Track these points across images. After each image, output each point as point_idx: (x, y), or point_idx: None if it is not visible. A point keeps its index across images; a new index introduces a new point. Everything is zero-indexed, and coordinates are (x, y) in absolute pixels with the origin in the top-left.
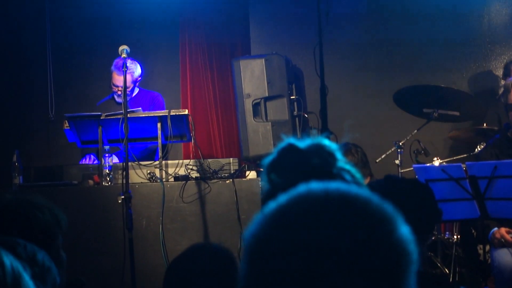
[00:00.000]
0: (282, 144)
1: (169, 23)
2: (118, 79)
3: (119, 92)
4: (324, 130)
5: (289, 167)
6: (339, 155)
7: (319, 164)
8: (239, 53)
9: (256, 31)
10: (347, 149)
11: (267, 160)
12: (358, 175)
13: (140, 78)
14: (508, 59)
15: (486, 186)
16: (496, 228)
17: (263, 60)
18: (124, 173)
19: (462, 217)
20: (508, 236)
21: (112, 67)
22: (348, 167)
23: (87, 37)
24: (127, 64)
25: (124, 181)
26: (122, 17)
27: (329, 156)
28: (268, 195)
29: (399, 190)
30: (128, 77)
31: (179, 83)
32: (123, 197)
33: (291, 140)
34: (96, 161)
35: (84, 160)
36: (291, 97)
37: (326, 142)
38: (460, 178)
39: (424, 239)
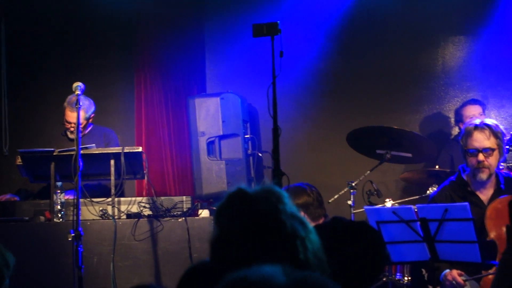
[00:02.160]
0: (232, 189)
1: (125, 59)
2: (71, 116)
3: (72, 129)
4: (277, 170)
5: (237, 212)
6: (288, 202)
7: (267, 210)
8: (195, 91)
9: (212, 69)
10: (302, 189)
11: (217, 205)
12: (307, 222)
13: (93, 114)
14: (462, 101)
15: (437, 228)
16: (448, 270)
17: (218, 98)
18: (76, 210)
19: (412, 259)
20: (459, 279)
21: (65, 104)
22: (297, 214)
23: (42, 72)
24: (80, 101)
25: (75, 218)
26: (77, 53)
27: (278, 202)
28: (217, 240)
29: (346, 233)
30: (81, 114)
31: (133, 120)
32: (73, 234)
33: (241, 185)
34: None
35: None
36: (246, 136)
37: (276, 188)
38: (410, 220)
39: (370, 283)
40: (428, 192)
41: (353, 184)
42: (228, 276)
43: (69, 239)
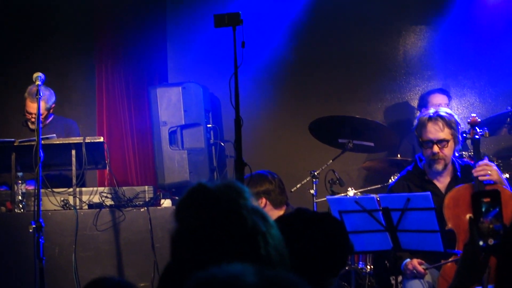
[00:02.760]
0: (192, 184)
1: (85, 49)
2: (31, 106)
3: (33, 119)
4: (239, 161)
5: (198, 208)
6: (249, 197)
7: (228, 206)
8: (156, 81)
9: (174, 58)
10: (264, 176)
11: (178, 200)
12: (268, 217)
13: (53, 105)
14: (423, 90)
15: (399, 218)
16: (408, 259)
17: (180, 88)
18: (37, 200)
19: (375, 248)
20: (420, 267)
21: (26, 94)
22: (258, 209)
23: (3, 64)
24: (41, 91)
25: (36, 209)
26: (39, 43)
27: (239, 197)
28: (177, 235)
29: (309, 224)
30: (42, 104)
31: (95, 110)
32: (34, 226)
33: (202, 180)
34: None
35: None
36: (208, 126)
37: (237, 183)
38: (373, 210)
39: (336, 273)
40: (390, 180)
41: (316, 173)
42: (196, 275)
43: (30, 230)
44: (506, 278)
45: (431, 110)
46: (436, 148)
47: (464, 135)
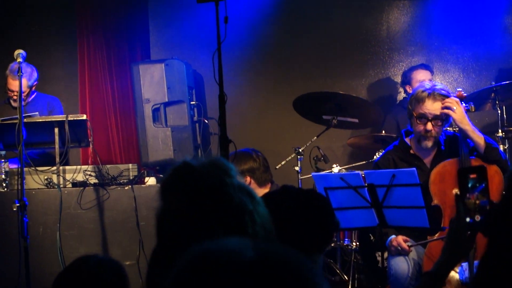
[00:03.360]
0: (177, 163)
1: (67, 26)
2: (13, 84)
3: (15, 97)
4: (223, 138)
5: (183, 187)
6: (235, 175)
7: (213, 184)
8: (139, 58)
9: (156, 35)
10: (248, 155)
11: (162, 179)
12: (255, 194)
13: (36, 82)
14: (406, 66)
15: (384, 194)
16: (393, 236)
17: (163, 65)
18: (20, 179)
19: (360, 225)
20: (404, 244)
21: (7, 72)
22: (245, 186)
23: None
24: (22, 69)
25: (20, 188)
26: (19, 20)
27: (225, 175)
28: (162, 214)
29: (295, 201)
30: (24, 82)
31: (77, 88)
32: (18, 204)
33: (187, 158)
34: None
35: None
36: (191, 103)
37: (223, 161)
38: (358, 186)
39: (322, 249)
40: (375, 157)
41: (300, 150)
42: (191, 249)
43: (14, 209)
44: (492, 254)
45: (428, 84)
46: (429, 126)
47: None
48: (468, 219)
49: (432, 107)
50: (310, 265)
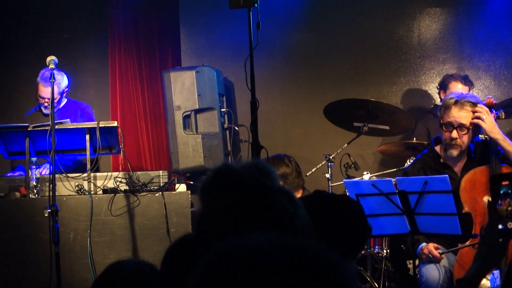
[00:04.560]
0: (217, 165)
1: (98, 33)
2: (44, 91)
3: (46, 104)
4: (255, 144)
5: (223, 189)
6: (276, 178)
7: (254, 187)
8: (170, 65)
9: (187, 42)
10: (280, 160)
11: (203, 182)
12: (295, 197)
13: (67, 89)
14: (438, 73)
15: (416, 201)
16: (424, 244)
17: (194, 72)
18: (51, 185)
19: (392, 232)
20: (435, 252)
21: (38, 79)
22: (285, 189)
23: (14, 47)
24: (54, 75)
25: (51, 194)
26: (51, 27)
27: (266, 178)
28: (202, 217)
29: (328, 206)
30: (55, 88)
31: (108, 95)
32: (49, 210)
33: (227, 162)
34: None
35: (13, 173)
36: (222, 110)
37: (263, 163)
38: (390, 193)
39: (354, 255)
40: (405, 164)
41: (331, 157)
42: (216, 247)
43: (45, 215)
44: None
45: (457, 93)
46: (455, 133)
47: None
48: (500, 226)
49: (458, 114)
50: (344, 265)
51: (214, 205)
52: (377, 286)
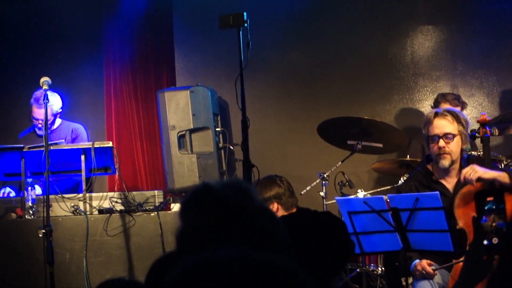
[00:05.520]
0: (198, 185)
1: (94, 53)
2: (38, 112)
3: (40, 125)
4: (246, 162)
5: (202, 207)
6: (255, 196)
7: (233, 205)
8: (165, 85)
9: (182, 62)
10: (272, 181)
11: (182, 199)
12: (274, 215)
13: (61, 110)
14: (431, 91)
15: (408, 218)
16: (417, 260)
17: (188, 91)
18: (46, 206)
19: (384, 249)
20: (429, 268)
21: (32, 100)
22: (265, 207)
23: (9, 69)
24: (47, 96)
25: (45, 214)
26: (46, 47)
27: (244, 196)
28: (182, 234)
29: (310, 222)
30: (48, 110)
31: (104, 115)
32: (43, 230)
33: (207, 180)
34: (10, 193)
35: None
36: (217, 129)
37: (243, 182)
38: (382, 210)
39: (337, 271)
40: (400, 182)
41: (325, 176)
42: (184, 261)
43: (40, 235)
44: (505, 275)
45: (437, 108)
46: (442, 142)
47: (474, 133)
48: (485, 242)
49: (441, 123)
50: (308, 280)
51: (193, 223)
52: None
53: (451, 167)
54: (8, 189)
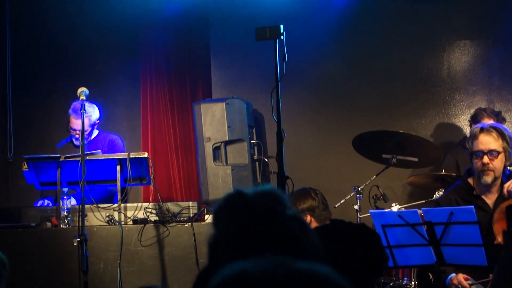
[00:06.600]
0: (230, 192)
1: (130, 65)
2: (75, 123)
3: (77, 136)
4: (281, 174)
5: (234, 214)
6: (287, 203)
7: (264, 212)
8: (201, 97)
9: (217, 74)
10: (307, 193)
11: (215, 207)
12: (306, 223)
13: (98, 121)
14: (467, 106)
15: (442, 232)
16: (454, 274)
17: (224, 104)
18: (81, 215)
19: (418, 262)
20: (465, 283)
21: (70, 111)
22: (296, 215)
23: (48, 79)
24: (85, 107)
25: (80, 224)
26: (83, 59)
27: (276, 204)
28: (213, 241)
29: (344, 233)
30: (86, 120)
31: (140, 126)
32: (78, 239)
33: (240, 188)
34: (50, 205)
35: (37, 203)
36: (252, 141)
37: (276, 190)
38: (416, 223)
39: (371, 284)
40: (434, 196)
41: (359, 189)
42: (226, 269)
43: (75, 244)
44: None
45: (482, 123)
46: (486, 159)
47: None
48: None
49: (486, 140)
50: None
51: (225, 230)
52: None
53: (493, 183)
54: (46, 201)
